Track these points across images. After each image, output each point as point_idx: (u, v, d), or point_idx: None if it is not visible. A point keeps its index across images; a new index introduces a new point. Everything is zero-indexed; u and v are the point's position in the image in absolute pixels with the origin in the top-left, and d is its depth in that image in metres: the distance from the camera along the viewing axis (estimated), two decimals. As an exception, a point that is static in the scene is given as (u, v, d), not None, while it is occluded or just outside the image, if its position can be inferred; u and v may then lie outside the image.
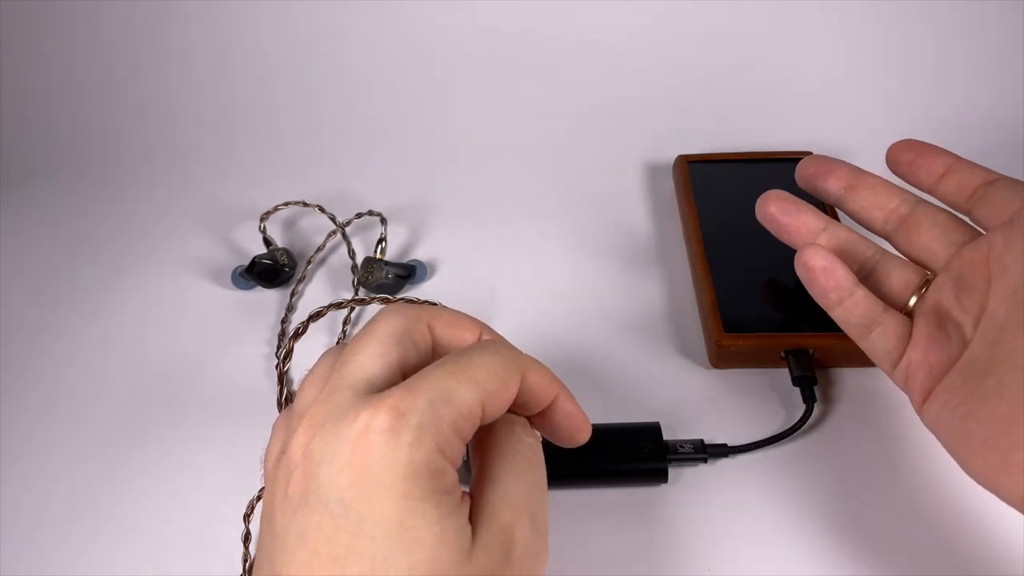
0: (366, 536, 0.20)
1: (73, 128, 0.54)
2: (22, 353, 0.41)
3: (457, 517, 0.21)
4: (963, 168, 0.31)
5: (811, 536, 0.32)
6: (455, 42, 0.54)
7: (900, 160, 0.32)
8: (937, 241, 0.30)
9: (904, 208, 0.32)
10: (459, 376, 0.22)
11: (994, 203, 0.29)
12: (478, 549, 0.21)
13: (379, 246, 0.44)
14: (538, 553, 0.22)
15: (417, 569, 0.20)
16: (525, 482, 0.23)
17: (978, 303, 0.28)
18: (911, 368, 0.29)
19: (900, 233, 0.32)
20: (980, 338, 0.27)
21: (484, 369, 0.22)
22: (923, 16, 0.52)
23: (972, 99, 0.51)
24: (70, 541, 0.34)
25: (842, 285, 0.30)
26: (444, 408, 0.21)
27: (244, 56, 0.54)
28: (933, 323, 0.29)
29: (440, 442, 0.21)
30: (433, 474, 0.21)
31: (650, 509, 0.33)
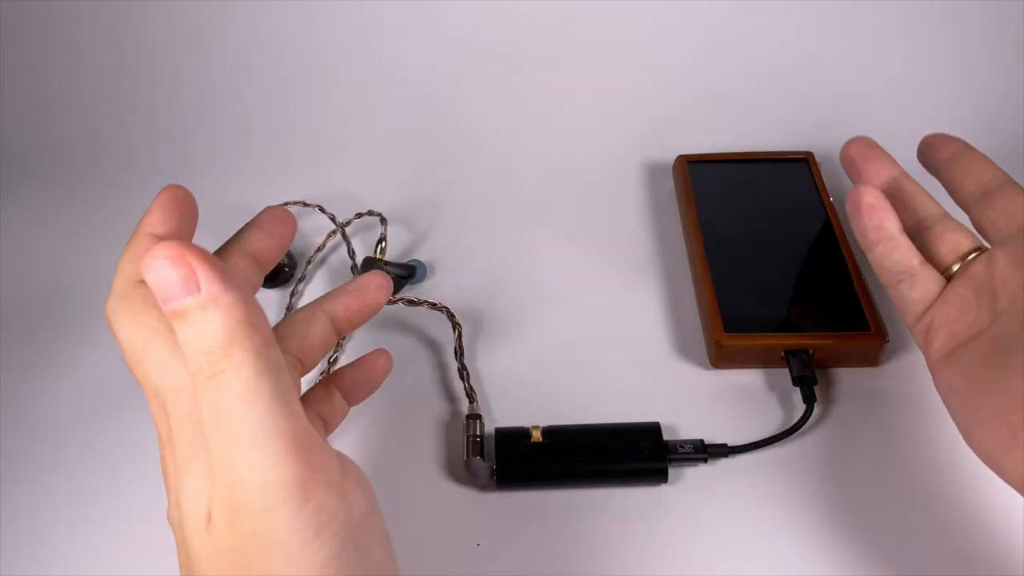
0: (174, 517, 0.21)
1: (73, 128, 0.54)
2: (22, 353, 0.41)
3: (199, 478, 0.20)
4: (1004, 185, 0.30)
5: (811, 536, 0.32)
6: (456, 42, 0.54)
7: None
8: (1007, 217, 0.30)
9: (993, 183, 0.31)
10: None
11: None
12: (213, 524, 0.19)
13: (379, 246, 0.44)
14: (270, 509, 0.18)
15: (191, 543, 0.20)
16: (222, 438, 0.19)
17: (1021, 283, 0.27)
18: (933, 326, 0.29)
19: (980, 204, 0.31)
20: (1012, 316, 0.27)
21: (120, 313, 0.22)
22: (924, 16, 0.52)
23: (972, 99, 0.51)
24: (69, 541, 0.34)
25: (883, 227, 0.30)
26: (157, 370, 0.22)
27: (245, 57, 0.54)
28: (969, 288, 0.29)
29: (181, 392, 0.21)
30: (195, 432, 0.20)
31: (650, 509, 0.33)
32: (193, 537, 0.20)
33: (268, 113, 0.54)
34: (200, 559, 0.20)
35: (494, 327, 0.41)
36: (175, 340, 0.20)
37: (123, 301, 0.22)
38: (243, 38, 0.54)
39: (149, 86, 0.55)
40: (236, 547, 0.19)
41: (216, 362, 0.18)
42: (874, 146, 0.34)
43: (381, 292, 0.27)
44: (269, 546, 0.18)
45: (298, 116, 0.54)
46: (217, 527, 0.19)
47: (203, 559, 0.19)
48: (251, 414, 0.18)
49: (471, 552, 0.32)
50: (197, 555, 0.20)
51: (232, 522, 0.19)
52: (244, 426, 0.18)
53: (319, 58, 0.54)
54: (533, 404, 0.37)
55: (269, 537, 0.18)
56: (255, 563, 0.19)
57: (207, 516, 0.19)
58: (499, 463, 0.34)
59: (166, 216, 0.23)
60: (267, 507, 0.18)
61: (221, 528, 0.19)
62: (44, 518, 0.35)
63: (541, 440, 0.34)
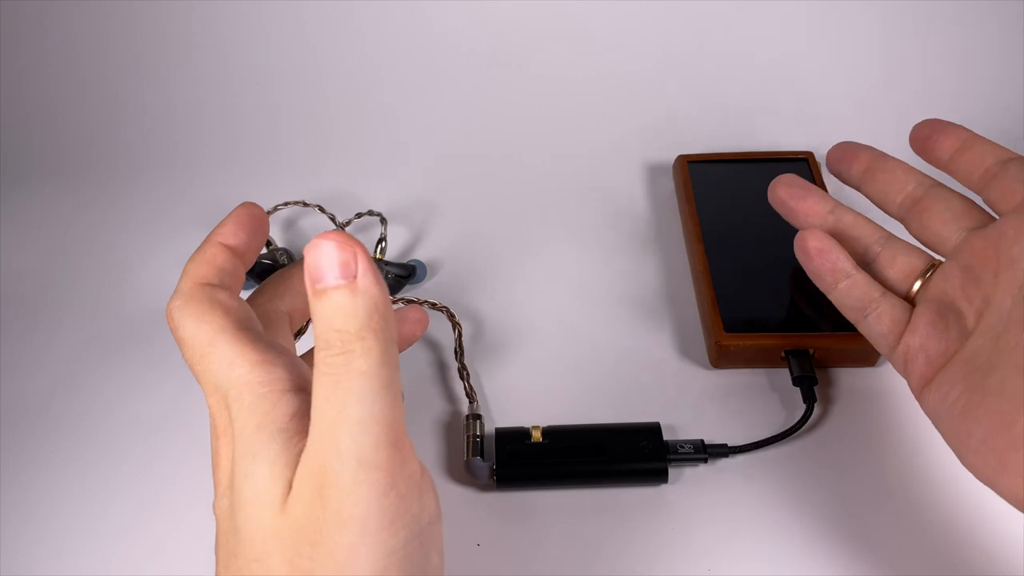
0: (224, 509, 0.22)
1: (73, 128, 0.54)
2: (22, 353, 0.41)
3: (273, 463, 0.21)
4: (977, 145, 0.30)
5: (811, 536, 0.32)
6: (455, 42, 0.54)
7: (918, 137, 0.32)
8: (947, 225, 0.30)
9: (919, 191, 0.31)
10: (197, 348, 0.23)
11: (1006, 185, 0.28)
12: (292, 500, 0.20)
13: (379, 246, 0.44)
14: (358, 484, 0.19)
15: (249, 527, 0.20)
16: (329, 410, 0.20)
17: (983, 294, 0.27)
18: (909, 353, 0.28)
19: (912, 215, 0.31)
20: (983, 331, 0.27)
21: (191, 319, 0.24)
22: (924, 16, 0.52)
23: (972, 98, 0.51)
24: (68, 541, 0.34)
25: (838, 267, 0.30)
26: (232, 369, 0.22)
27: (244, 56, 0.54)
28: (934, 311, 0.28)
29: (253, 387, 0.22)
30: (260, 421, 0.21)
31: (650, 509, 0.33)
32: (257, 517, 0.20)
33: (268, 113, 0.54)
34: (263, 539, 0.20)
35: (494, 327, 0.41)
36: (238, 338, 0.22)
37: (190, 300, 0.24)
38: (243, 38, 0.54)
39: (149, 86, 0.55)
40: (312, 522, 0.20)
41: (348, 341, 0.20)
42: (800, 183, 0.34)
43: (419, 326, 0.28)
44: (346, 522, 0.19)
45: (298, 116, 0.54)
46: (296, 503, 0.20)
47: (268, 538, 0.20)
48: (367, 393, 0.20)
49: (471, 552, 0.32)
50: (259, 536, 0.20)
51: (317, 496, 0.20)
52: (356, 403, 0.20)
53: (319, 58, 0.54)
54: (533, 404, 0.37)
55: (350, 514, 0.19)
56: (329, 538, 0.19)
57: (283, 495, 0.20)
58: (499, 463, 0.34)
59: (237, 229, 0.26)
60: (356, 482, 0.19)
61: (301, 504, 0.20)
62: (43, 518, 0.35)
63: (541, 440, 0.34)
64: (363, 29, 0.54)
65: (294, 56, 0.54)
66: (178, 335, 0.23)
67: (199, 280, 0.24)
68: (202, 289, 0.24)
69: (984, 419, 0.25)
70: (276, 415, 0.21)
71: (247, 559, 0.21)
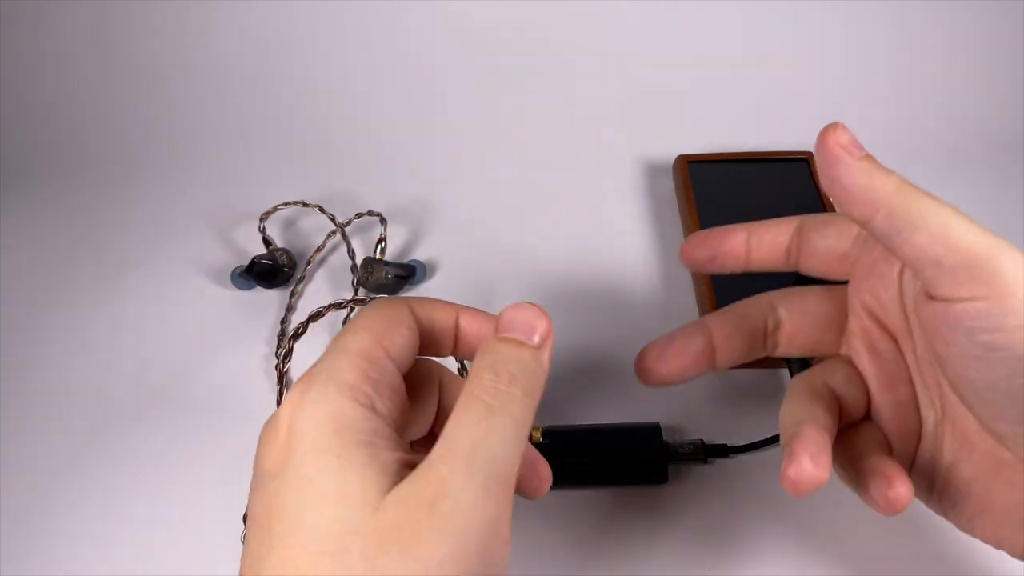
0: (283, 497, 0.21)
1: (73, 128, 0.54)
2: (22, 353, 0.41)
3: (366, 467, 0.21)
4: (761, 231, 0.29)
5: (810, 536, 0.32)
6: (455, 42, 0.54)
7: (698, 259, 0.30)
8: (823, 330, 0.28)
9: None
10: (346, 332, 0.24)
11: (820, 254, 0.27)
12: (392, 501, 0.20)
13: (379, 246, 0.44)
14: (474, 508, 0.20)
15: (323, 521, 0.20)
16: (476, 433, 0.21)
17: (903, 366, 0.26)
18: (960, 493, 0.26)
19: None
20: (921, 404, 0.26)
21: (368, 316, 0.24)
22: (924, 16, 0.52)
23: (972, 98, 0.51)
24: (68, 541, 0.34)
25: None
26: (340, 359, 0.22)
27: (243, 56, 0.54)
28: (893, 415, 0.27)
29: (344, 389, 0.22)
30: (343, 425, 0.21)
31: (650, 509, 0.33)
32: (335, 513, 0.21)
33: (268, 113, 0.54)
34: (341, 534, 0.20)
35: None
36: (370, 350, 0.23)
37: (392, 305, 0.25)
38: (243, 38, 0.54)
39: (148, 86, 0.55)
40: (411, 527, 0.20)
41: (513, 386, 0.22)
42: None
43: (543, 486, 0.27)
44: (449, 536, 0.20)
45: (298, 116, 0.54)
46: (396, 507, 0.20)
47: (348, 534, 0.20)
48: (512, 434, 0.22)
49: (471, 552, 0.32)
50: (334, 530, 0.20)
51: (426, 505, 0.20)
52: (500, 437, 0.21)
53: (319, 58, 0.54)
54: (533, 404, 0.37)
55: (456, 529, 0.20)
56: (423, 545, 0.20)
57: (376, 498, 0.21)
58: (499, 463, 0.34)
59: (474, 325, 0.26)
60: (474, 505, 0.20)
61: (402, 508, 0.20)
62: (43, 517, 0.35)
63: (541, 440, 0.34)
64: (363, 29, 0.54)
65: (294, 56, 0.54)
66: (362, 313, 0.25)
67: (411, 303, 0.25)
68: (404, 306, 0.25)
69: (957, 503, 0.25)
70: (359, 426, 0.22)
71: (309, 550, 0.20)
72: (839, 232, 0.27)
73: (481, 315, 0.26)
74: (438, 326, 0.26)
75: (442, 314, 0.26)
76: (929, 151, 0.49)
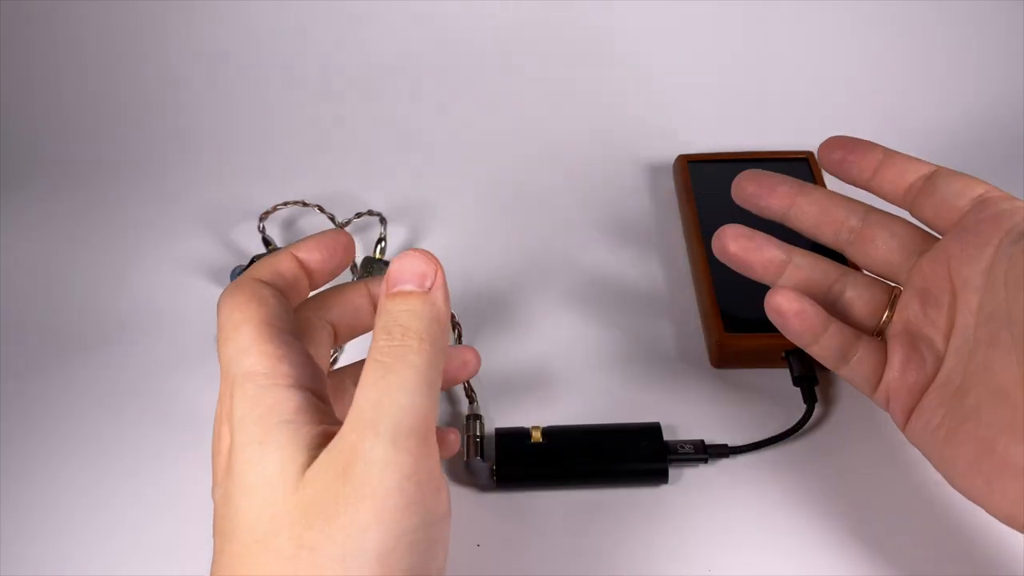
0: (227, 499, 0.22)
1: (73, 128, 0.54)
2: (22, 353, 0.41)
3: (285, 448, 0.21)
4: (895, 160, 0.30)
5: (811, 536, 0.32)
6: (455, 42, 0.54)
7: (831, 159, 0.31)
8: (895, 253, 0.30)
9: (854, 220, 0.31)
10: (225, 333, 0.24)
11: (937, 201, 0.28)
12: (310, 477, 0.21)
13: (379, 246, 0.44)
14: (387, 465, 0.20)
15: (253, 510, 0.21)
16: (376, 393, 0.21)
17: (946, 317, 0.27)
18: (891, 390, 0.29)
19: (855, 247, 0.31)
20: (952, 354, 0.27)
21: (232, 310, 0.24)
22: (924, 16, 0.52)
23: (972, 98, 0.51)
24: (64, 540, 0.34)
25: (814, 323, 0.30)
26: (244, 359, 0.23)
27: (244, 56, 0.54)
28: (906, 343, 0.29)
29: (262, 381, 0.23)
30: (266, 411, 0.22)
31: (650, 509, 0.33)
32: (263, 500, 0.21)
33: (268, 113, 0.54)
34: (270, 519, 0.21)
35: (494, 327, 0.41)
36: (261, 330, 0.23)
37: (236, 288, 0.25)
38: (243, 38, 0.54)
39: (149, 86, 0.54)
40: (331, 497, 0.20)
41: (407, 336, 0.22)
42: (747, 234, 0.32)
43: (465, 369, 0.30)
44: (367, 498, 0.20)
45: (298, 116, 0.54)
46: (315, 481, 0.21)
47: (277, 517, 0.21)
48: (412, 385, 0.22)
49: (471, 552, 0.32)
50: (264, 516, 0.21)
51: (340, 473, 0.20)
52: (400, 391, 0.21)
53: (319, 58, 0.54)
54: (533, 404, 0.37)
55: (372, 490, 0.20)
56: (344, 513, 0.20)
57: (296, 477, 0.21)
58: (499, 463, 0.34)
59: (315, 247, 0.27)
60: (385, 462, 0.20)
61: (320, 481, 0.21)
62: (42, 517, 0.35)
63: (541, 440, 0.34)
64: (363, 29, 0.54)
65: (294, 56, 0.54)
66: (217, 318, 0.25)
67: (253, 275, 0.26)
68: (251, 282, 0.25)
69: (965, 444, 0.25)
70: (281, 407, 0.22)
71: (245, 542, 0.21)
72: (965, 188, 0.28)
73: (312, 240, 0.27)
74: (288, 275, 0.26)
75: (283, 263, 0.27)
76: (930, 151, 0.48)
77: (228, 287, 0.25)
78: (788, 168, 0.46)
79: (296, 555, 0.20)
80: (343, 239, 0.28)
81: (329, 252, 0.27)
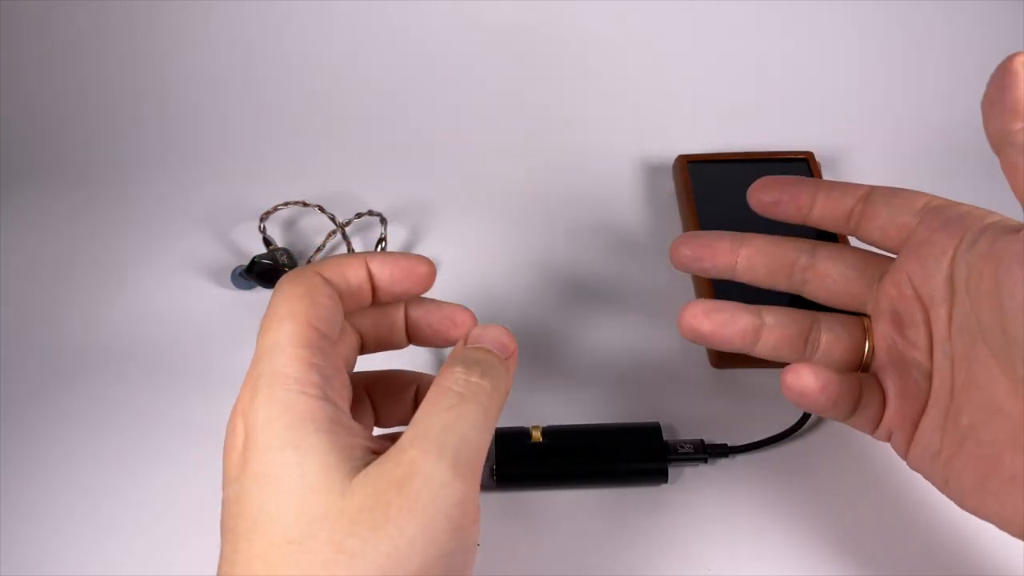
0: (244, 498, 0.22)
1: (73, 128, 0.54)
2: (22, 353, 0.41)
3: (328, 455, 0.21)
4: (830, 191, 0.29)
5: (811, 536, 0.32)
6: (454, 42, 0.54)
7: (763, 202, 0.31)
8: (853, 283, 0.29)
9: (804, 258, 0.30)
10: (271, 324, 0.23)
11: (882, 222, 0.28)
12: (359, 484, 0.21)
13: (379, 246, 0.44)
14: (444, 486, 0.21)
15: (287, 512, 0.21)
16: (447, 417, 0.22)
17: (924, 335, 0.27)
18: (892, 425, 0.28)
19: (812, 285, 0.30)
20: (937, 371, 0.26)
21: (286, 299, 0.24)
22: (924, 16, 0.52)
23: (972, 98, 0.50)
24: (65, 540, 0.34)
25: (826, 395, 0.27)
26: (279, 356, 0.23)
27: (243, 56, 0.54)
28: (896, 373, 0.28)
29: (292, 384, 0.22)
30: (297, 418, 0.22)
31: (650, 509, 0.33)
32: (300, 502, 0.21)
33: (268, 113, 0.54)
34: (308, 522, 0.21)
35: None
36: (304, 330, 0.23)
37: (296, 278, 0.25)
38: (243, 37, 0.54)
39: (149, 86, 0.54)
40: (381, 507, 0.21)
41: (484, 379, 0.24)
42: (720, 306, 0.30)
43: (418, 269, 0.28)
44: (419, 515, 0.21)
45: (298, 116, 0.54)
46: (365, 488, 0.21)
47: (315, 520, 0.21)
48: (480, 421, 0.23)
49: (471, 552, 0.32)
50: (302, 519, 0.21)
51: (395, 486, 0.21)
52: (470, 423, 0.23)
53: (319, 58, 0.54)
54: (533, 404, 0.37)
55: (425, 508, 0.21)
56: (394, 524, 0.20)
57: (341, 482, 0.21)
58: (499, 463, 0.34)
59: (388, 265, 0.27)
60: (442, 484, 0.21)
61: (371, 490, 0.21)
62: (42, 517, 0.35)
63: (541, 440, 0.34)
64: (363, 29, 0.54)
65: (294, 55, 0.54)
66: (270, 300, 0.24)
67: (318, 270, 0.25)
68: (313, 276, 0.25)
69: (969, 464, 0.25)
70: (317, 417, 0.22)
71: (275, 542, 0.21)
72: (906, 202, 0.27)
73: (389, 258, 0.27)
74: (353, 281, 0.26)
75: (351, 268, 0.26)
76: (930, 151, 0.49)
77: (290, 274, 0.25)
78: (788, 168, 0.46)
79: (335, 559, 0.20)
80: (422, 267, 0.27)
81: (402, 273, 0.27)
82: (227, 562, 0.22)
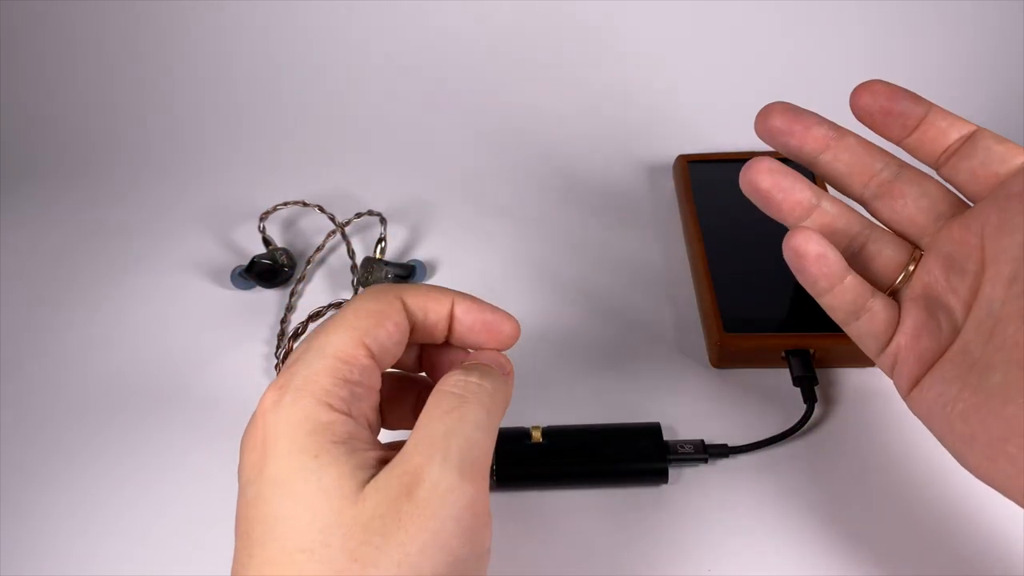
0: (261, 501, 0.21)
1: (73, 128, 0.54)
2: (22, 353, 0.41)
3: (343, 464, 0.21)
4: (939, 119, 0.28)
5: (811, 536, 0.32)
6: (455, 42, 0.54)
7: (868, 108, 0.29)
8: (922, 213, 0.28)
9: (887, 173, 0.29)
10: (329, 327, 0.23)
11: (975, 164, 0.27)
12: (370, 492, 0.21)
13: (379, 246, 0.44)
14: (451, 491, 0.21)
15: (301, 519, 0.21)
16: (448, 421, 0.22)
17: (970, 286, 0.26)
18: (900, 354, 0.27)
19: (882, 201, 0.29)
20: (973, 326, 0.25)
21: (354, 311, 0.24)
22: (923, 16, 0.52)
23: (972, 98, 0.51)
24: (66, 540, 0.34)
25: (833, 271, 0.28)
26: (318, 362, 0.23)
27: (243, 56, 0.54)
28: (923, 308, 0.27)
29: (320, 394, 0.22)
30: (318, 427, 0.22)
31: (650, 509, 0.33)
32: (316, 509, 0.21)
33: (268, 113, 0.54)
34: (322, 529, 0.21)
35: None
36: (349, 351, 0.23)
37: (378, 294, 0.25)
38: (243, 38, 0.54)
39: (149, 86, 0.55)
40: (392, 514, 0.21)
41: (484, 382, 0.24)
42: (780, 169, 0.30)
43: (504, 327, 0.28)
44: (429, 521, 0.21)
45: (298, 116, 0.54)
46: (376, 496, 0.21)
47: (330, 527, 0.21)
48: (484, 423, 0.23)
49: (471, 552, 0.32)
50: (315, 526, 0.21)
51: (404, 493, 0.21)
52: (474, 425, 0.23)
53: (319, 58, 0.54)
54: (533, 404, 0.37)
55: (435, 513, 0.21)
56: (405, 531, 0.20)
57: (355, 491, 0.21)
58: (499, 463, 0.34)
59: (476, 312, 0.27)
60: (450, 488, 0.21)
61: (382, 497, 0.21)
62: (43, 517, 0.35)
63: (541, 440, 0.34)
64: (363, 29, 0.54)
65: (294, 56, 0.54)
66: (350, 300, 0.25)
67: (403, 294, 0.25)
68: (395, 300, 0.25)
69: (990, 422, 0.24)
70: (337, 430, 0.22)
71: (287, 549, 0.21)
72: (1007, 153, 0.26)
73: (476, 306, 0.27)
74: (432, 317, 0.26)
75: (436, 304, 0.26)
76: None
77: (377, 288, 0.25)
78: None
79: (347, 568, 0.20)
80: (507, 326, 0.27)
81: (484, 327, 0.27)
82: (241, 566, 0.22)
